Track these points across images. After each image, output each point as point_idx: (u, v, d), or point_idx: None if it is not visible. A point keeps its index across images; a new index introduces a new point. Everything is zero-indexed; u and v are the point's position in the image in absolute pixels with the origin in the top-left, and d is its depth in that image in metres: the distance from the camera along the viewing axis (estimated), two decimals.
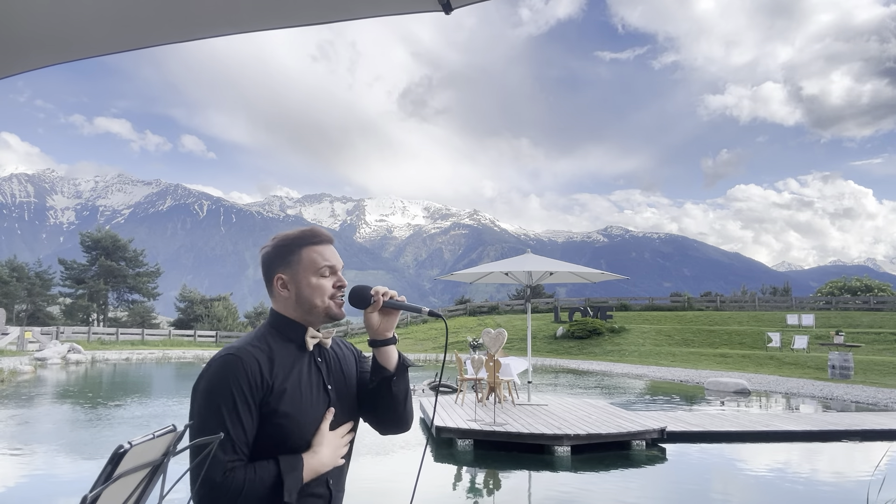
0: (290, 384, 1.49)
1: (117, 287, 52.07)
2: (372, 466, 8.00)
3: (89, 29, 1.67)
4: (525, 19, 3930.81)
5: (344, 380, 1.63)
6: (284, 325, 1.57)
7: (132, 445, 0.95)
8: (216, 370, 1.44)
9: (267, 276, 1.61)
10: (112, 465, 0.93)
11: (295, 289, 1.56)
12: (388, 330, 1.61)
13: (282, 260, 1.58)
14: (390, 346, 1.62)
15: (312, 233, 1.61)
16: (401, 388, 1.62)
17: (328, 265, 1.58)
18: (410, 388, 1.68)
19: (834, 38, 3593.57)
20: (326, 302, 1.56)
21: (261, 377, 1.44)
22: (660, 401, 15.60)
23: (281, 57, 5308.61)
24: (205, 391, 1.43)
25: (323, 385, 1.56)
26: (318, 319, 1.58)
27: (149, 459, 1.03)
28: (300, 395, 1.50)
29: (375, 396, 1.62)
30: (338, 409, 1.57)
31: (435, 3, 1.50)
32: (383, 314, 1.61)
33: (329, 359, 1.62)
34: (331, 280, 1.58)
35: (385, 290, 1.60)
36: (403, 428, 1.68)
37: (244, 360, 1.44)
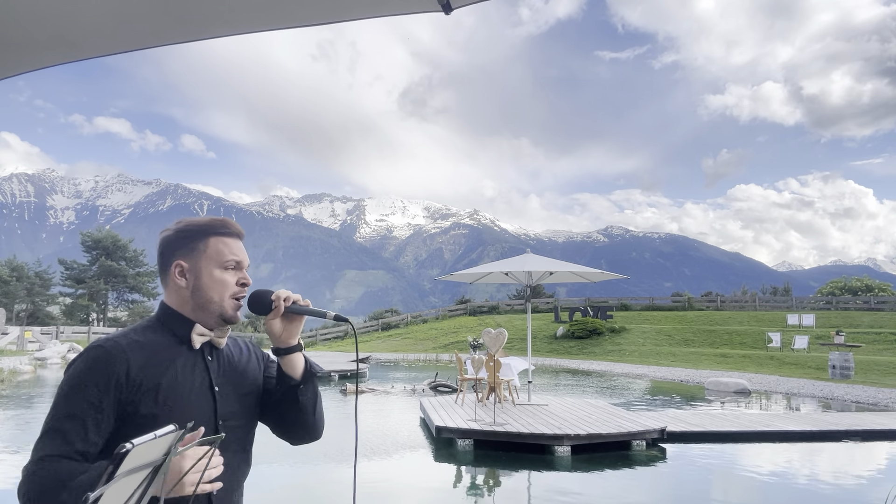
0: (164, 383, 1.37)
1: (117, 287, 52.14)
2: (372, 467, 8.00)
3: (91, 29, 1.67)
4: (525, 19, 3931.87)
5: (240, 381, 1.52)
6: (171, 319, 1.46)
7: (134, 445, 0.95)
8: (80, 362, 1.35)
9: (164, 262, 1.48)
10: (114, 465, 0.93)
11: (194, 279, 1.45)
12: (293, 337, 1.51)
13: (185, 246, 1.47)
14: (295, 353, 1.52)
15: (223, 223, 1.51)
16: (308, 397, 1.52)
17: (235, 259, 1.48)
18: (320, 394, 1.59)
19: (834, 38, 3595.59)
20: (224, 299, 1.45)
21: (126, 374, 1.33)
22: (660, 401, 15.60)
23: (280, 56, 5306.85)
24: (64, 382, 1.34)
25: (209, 385, 1.45)
26: (210, 318, 1.46)
27: (150, 459, 1.03)
28: (175, 395, 1.38)
29: (282, 405, 1.53)
30: (227, 412, 1.46)
31: (435, 4, 1.51)
32: (286, 320, 1.49)
33: (223, 360, 1.51)
34: (235, 276, 1.48)
35: (287, 295, 1.49)
36: (314, 437, 1.60)
37: (111, 353, 1.34)
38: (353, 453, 1.57)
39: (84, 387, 1.32)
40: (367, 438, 9.71)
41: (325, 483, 7.43)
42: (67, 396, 1.32)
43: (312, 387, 1.54)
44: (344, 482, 7.29)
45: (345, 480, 7.28)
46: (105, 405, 1.32)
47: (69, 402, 1.32)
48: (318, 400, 1.57)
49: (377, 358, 29.27)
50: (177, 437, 1.08)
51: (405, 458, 8.56)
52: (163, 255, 1.50)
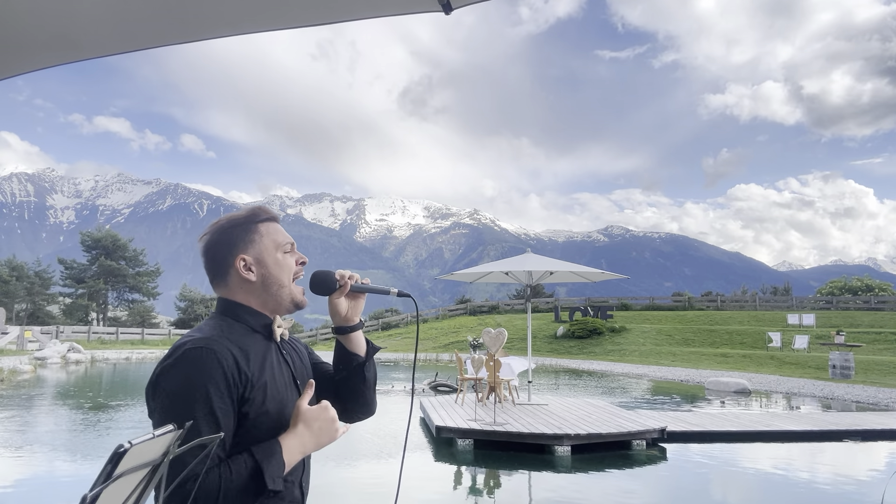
0: (266, 378, 1.35)
1: (117, 286, 52.10)
2: (373, 469, 8.00)
3: (92, 30, 1.67)
4: (525, 18, 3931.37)
5: (305, 374, 1.53)
6: (247, 314, 1.41)
7: (132, 445, 0.95)
8: (186, 365, 1.26)
9: (223, 263, 1.42)
10: (112, 465, 0.93)
11: (261, 269, 1.41)
12: (356, 315, 1.54)
13: (242, 240, 1.42)
14: (358, 331, 1.55)
15: (263, 210, 1.49)
16: (373, 373, 1.58)
17: (289, 241, 1.47)
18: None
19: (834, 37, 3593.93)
20: (290, 283, 1.44)
21: (237, 371, 1.29)
22: (660, 400, 15.60)
23: (280, 56, 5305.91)
24: (174, 390, 1.26)
25: (293, 379, 1.45)
26: (282, 305, 1.44)
27: (148, 459, 1.03)
28: (277, 390, 1.37)
29: (345, 385, 1.54)
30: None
31: (435, 4, 1.51)
32: (350, 299, 1.52)
33: (290, 350, 1.51)
34: (293, 257, 1.47)
35: (350, 274, 1.52)
36: (371, 412, 1.61)
37: (218, 352, 1.28)
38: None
39: (207, 391, 1.25)
40: (366, 438, 9.71)
41: (327, 484, 7.43)
42: (194, 405, 1.24)
43: (373, 362, 1.58)
44: (355, 484, 7.29)
45: (343, 480, 7.29)
46: (232, 406, 1.28)
47: (201, 410, 1.24)
48: (376, 374, 1.61)
49: (377, 358, 29.23)
50: (175, 437, 1.07)
51: (407, 460, 8.56)
52: (218, 255, 1.43)
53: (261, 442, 1.30)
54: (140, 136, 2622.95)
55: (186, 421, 1.21)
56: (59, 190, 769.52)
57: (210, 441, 1.19)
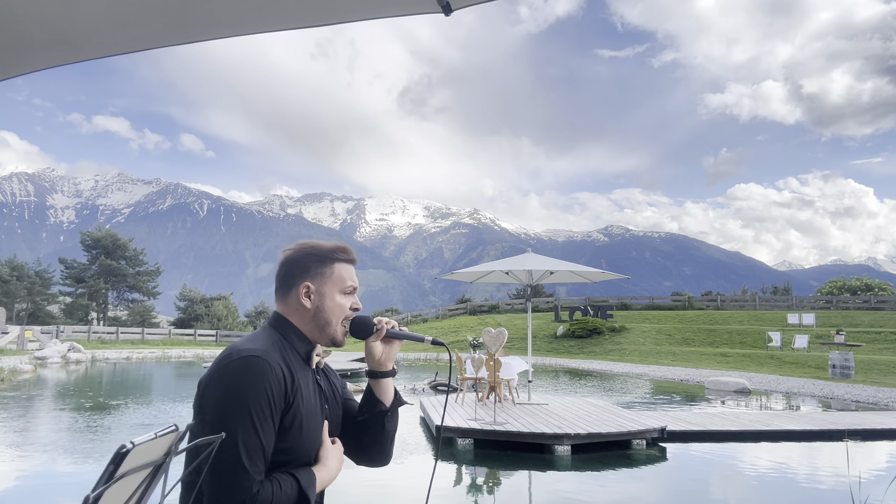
0: (304, 399, 1.43)
1: (117, 286, 52.09)
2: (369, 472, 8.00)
3: (92, 31, 1.67)
4: (524, 17, 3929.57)
5: (335, 402, 1.59)
6: (296, 336, 1.50)
7: (134, 445, 0.95)
8: (243, 373, 1.33)
9: (290, 282, 1.52)
10: (114, 465, 0.93)
11: (318, 301, 1.50)
12: (390, 360, 1.58)
13: (313, 269, 1.52)
14: (389, 378, 1.59)
15: (345, 249, 1.58)
16: (393, 425, 1.60)
17: (353, 285, 1.56)
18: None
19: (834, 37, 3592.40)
20: (339, 323, 1.52)
21: (284, 387, 1.37)
22: (660, 400, 15.60)
23: (279, 55, 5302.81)
24: (230, 396, 1.32)
25: (321, 404, 1.52)
26: (323, 339, 1.52)
27: (151, 459, 1.03)
28: (308, 413, 1.44)
29: (364, 429, 1.58)
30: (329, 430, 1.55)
31: (435, 5, 1.51)
32: (385, 343, 1.57)
33: (323, 379, 1.58)
34: (349, 300, 1.55)
35: (388, 319, 1.58)
36: (384, 463, 1.64)
37: (273, 367, 1.36)
38: None
39: (265, 400, 1.33)
40: None
41: None
42: (251, 411, 1.31)
43: (396, 415, 1.61)
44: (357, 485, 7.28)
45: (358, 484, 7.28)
46: (277, 418, 1.36)
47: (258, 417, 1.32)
48: (397, 428, 1.63)
49: None
50: (177, 437, 1.08)
51: (405, 457, 8.56)
52: (289, 274, 1.53)
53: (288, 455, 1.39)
54: (139, 135, 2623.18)
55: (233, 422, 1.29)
56: (59, 190, 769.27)
57: (211, 441, 1.19)
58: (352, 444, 1.60)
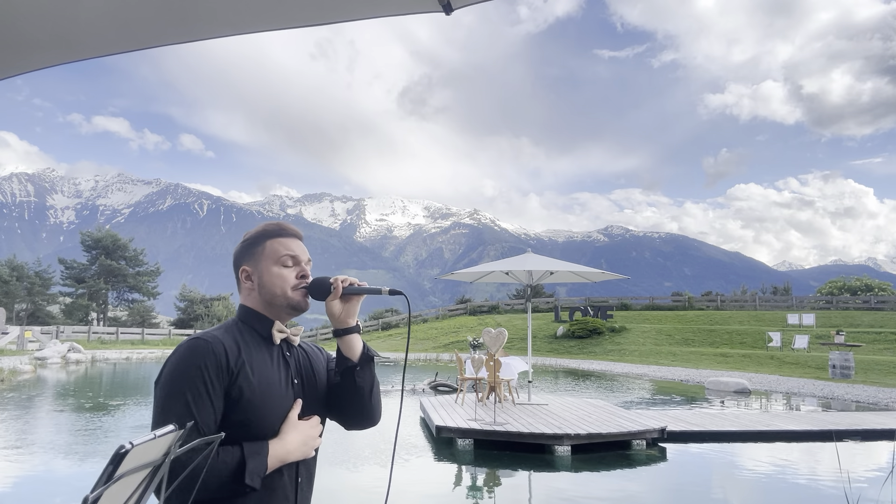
0: (256, 373, 1.48)
1: (117, 286, 52.09)
2: (372, 467, 8.00)
3: (91, 30, 1.67)
4: (524, 17, 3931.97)
5: (313, 377, 1.62)
6: (251, 317, 1.58)
7: (133, 446, 0.95)
8: (182, 354, 1.43)
9: (235, 271, 1.63)
10: (113, 466, 0.93)
11: (257, 279, 1.58)
12: (351, 317, 1.62)
13: (247, 253, 1.61)
14: (353, 334, 1.63)
15: (277, 226, 1.64)
16: (365, 380, 1.61)
17: (290, 254, 1.60)
18: (377, 379, 1.66)
19: (835, 36, 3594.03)
20: (287, 292, 1.56)
21: (227, 361, 1.43)
22: (660, 400, 15.60)
23: (279, 55, 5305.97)
24: (170, 376, 1.42)
25: (290, 379, 1.56)
26: (281, 311, 1.58)
27: (150, 459, 1.03)
28: (266, 385, 1.48)
29: (341, 389, 1.61)
30: (305, 405, 1.56)
31: (435, 4, 1.51)
32: (344, 301, 1.61)
33: (297, 356, 1.63)
34: (293, 270, 1.59)
35: (345, 277, 1.62)
36: (370, 422, 1.67)
37: (211, 343, 1.44)
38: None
39: (199, 377, 1.40)
40: (366, 438, 9.71)
41: (324, 488, 7.42)
42: (181, 386, 1.39)
43: (369, 370, 1.62)
44: (356, 487, 7.29)
45: (343, 482, 7.28)
46: (219, 392, 1.41)
47: (192, 394, 1.39)
48: (374, 384, 1.64)
49: (377, 358, 29.24)
50: (176, 438, 1.08)
51: (405, 457, 8.55)
52: (234, 265, 1.64)
53: (242, 429, 1.43)
54: (139, 135, 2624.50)
55: (183, 403, 1.37)
56: (59, 190, 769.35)
57: (212, 441, 1.19)
58: (336, 410, 1.64)
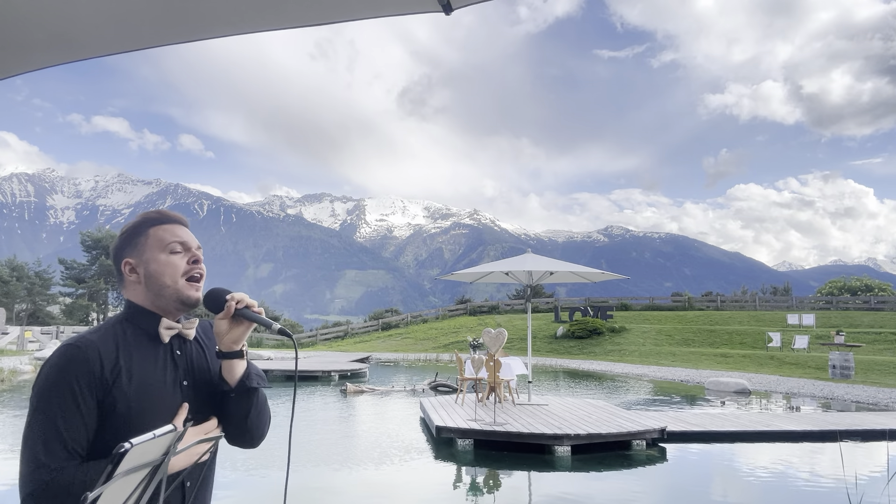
0: (136, 377, 1.37)
1: (117, 286, 52.09)
2: (372, 467, 8.00)
3: (91, 29, 1.67)
4: (523, 17, 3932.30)
5: (208, 375, 1.50)
6: (136, 314, 1.46)
7: (133, 445, 0.95)
8: (54, 363, 1.33)
9: (116, 266, 1.50)
10: (112, 465, 0.93)
11: (143, 270, 1.45)
12: (237, 341, 1.48)
13: (128, 244, 1.49)
14: (235, 360, 1.48)
15: (159, 213, 1.53)
16: (240, 408, 1.48)
17: (178, 241, 1.48)
18: (262, 405, 1.53)
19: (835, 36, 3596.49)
20: (178, 281, 1.45)
21: (101, 369, 1.33)
22: (660, 400, 15.60)
23: (278, 55, 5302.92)
24: (41, 385, 1.32)
25: (178, 381, 1.44)
26: (171, 304, 1.46)
27: (149, 459, 1.03)
28: (148, 388, 1.38)
29: (218, 406, 1.50)
30: (195, 407, 1.45)
31: (435, 4, 1.51)
32: (234, 324, 1.47)
33: (191, 352, 1.51)
34: (184, 257, 1.48)
35: (241, 298, 1.47)
36: (245, 444, 1.55)
37: (84, 350, 1.33)
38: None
39: (65, 388, 1.30)
40: (367, 438, 9.72)
41: (311, 489, 7.42)
42: (49, 399, 1.30)
43: (247, 399, 1.48)
44: (353, 488, 7.29)
45: (354, 486, 7.28)
46: (87, 403, 1.31)
47: (52, 404, 1.30)
48: (252, 411, 1.50)
49: (377, 358, 29.26)
50: (175, 437, 1.08)
51: (405, 457, 8.55)
52: (114, 261, 1.51)
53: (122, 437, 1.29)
54: (139, 135, 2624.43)
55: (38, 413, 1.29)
56: (59, 190, 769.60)
57: (212, 441, 1.19)
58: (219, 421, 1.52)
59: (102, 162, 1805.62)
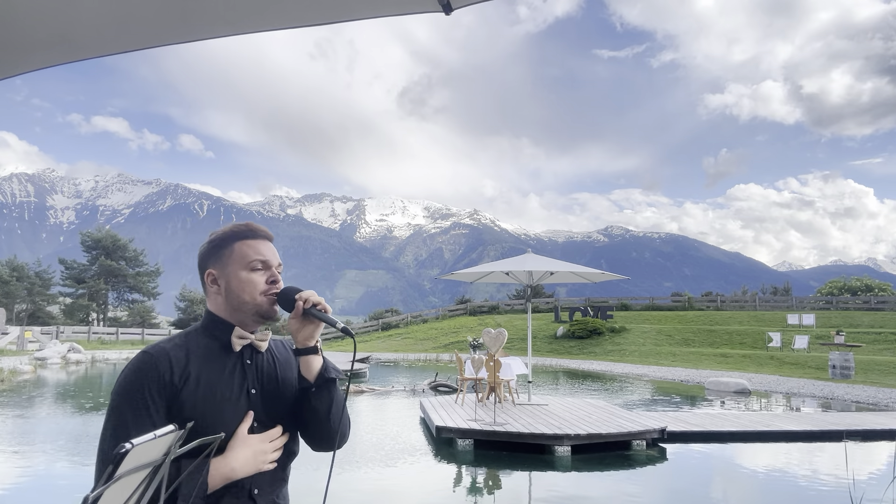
0: (203, 383, 1.43)
1: (117, 287, 52.09)
2: (372, 467, 8.00)
3: (91, 29, 1.67)
4: (523, 17, 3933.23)
5: (277, 385, 1.55)
6: (212, 323, 1.52)
7: (134, 445, 0.95)
8: (129, 371, 1.41)
9: (200, 274, 1.56)
10: (113, 466, 0.93)
11: (224, 283, 1.51)
12: (310, 339, 1.53)
13: (214, 255, 1.54)
14: (311, 355, 1.54)
15: (247, 227, 1.57)
16: (322, 401, 1.52)
17: (260, 259, 1.52)
18: (341, 400, 1.56)
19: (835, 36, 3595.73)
20: (256, 298, 1.50)
21: (171, 375, 1.40)
22: (660, 401, 15.60)
23: (278, 55, 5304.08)
24: (115, 393, 1.41)
25: (245, 389, 1.49)
26: (248, 318, 1.52)
27: (150, 460, 1.03)
28: (214, 397, 1.43)
29: (300, 407, 1.54)
30: (262, 416, 1.50)
31: (435, 4, 1.51)
32: (304, 322, 1.52)
33: (262, 362, 1.55)
34: (263, 275, 1.52)
35: (308, 297, 1.52)
36: (328, 445, 1.58)
37: (156, 357, 1.41)
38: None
39: (136, 392, 1.38)
40: (367, 438, 9.71)
41: None
42: (121, 406, 1.39)
43: (327, 392, 1.53)
44: (353, 489, 7.28)
45: (334, 487, 7.28)
46: (156, 406, 1.39)
47: (124, 410, 1.38)
48: (333, 406, 1.55)
49: (377, 358, 29.26)
50: (176, 438, 1.08)
51: (405, 457, 8.55)
52: (199, 267, 1.58)
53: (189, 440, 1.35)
54: (138, 135, 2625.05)
55: (111, 415, 1.37)
56: (59, 190, 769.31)
57: (212, 441, 1.19)
58: (300, 426, 1.58)
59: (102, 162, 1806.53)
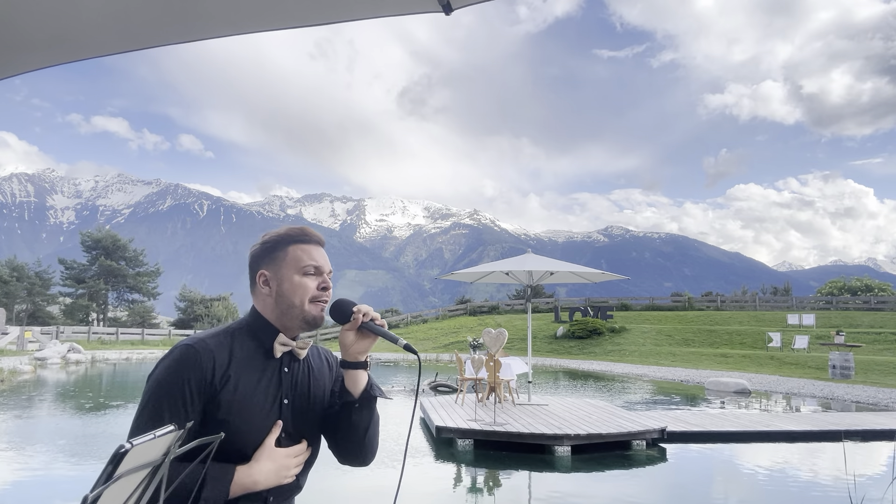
0: (240, 388, 1.41)
1: (117, 287, 52.11)
2: (372, 467, 8.00)
3: (91, 29, 1.67)
4: (523, 17, 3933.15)
5: (308, 396, 1.53)
6: (258, 325, 1.51)
7: (133, 445, 0.95)
8: (171, 361, 1.39)
9: (252, 274, 1.56)
10: (113, 466, 0.93)
11: (276, 285, 1.50)
12: (362, 353, 1.52)
13: (267, 256, 1.54)
14: (360, 370, 1.52)
15: (302, 231, 1.57)
16: (363, 418, 1.52)
17: (313, 264, 1.52)
18: (378, 419, 1.57)
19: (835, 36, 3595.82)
20: (306, 303, 1.49)
21: (212, 375, 1.38)
22: (660, 401, 15.60)
23: (278, 56, 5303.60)
24: (154, 381, 1.38)
25: (279, 398, 1.47)
26: (295, 323, 1.50)
27: (149, 459, 1.03)
28: (249, 402, 1.41)
29: (337, 420, 1.53)
30: (291, 427, 1.48)
31: (435, 4, 1.50)
32: (360, 336, 1.51)
33: (298, 371, 1.54)
34: (315, 281, 1.51)
35: (367, 311, 1.51)
36: (360, 461, 1.59)
37: (200, 354, 1.38)
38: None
39: (175, 385, 1.36)
40: None
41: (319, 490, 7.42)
42: (159, 397, 1.36)
43: (369, 410, 1.53)
44: (352, 490, 7.29)
45: (334, 487, 7.28)
46: (193, 403, 1.37)
47: (162, 401, 1.35)
48: (372, 424, 1.55)
49: (377, 358, 29.25)
50: (176, 438, 1.07)
51: (409, 466, 8.55)
52: (250, 267, 1.57)
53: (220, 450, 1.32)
54: (138, 135, 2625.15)
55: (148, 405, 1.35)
56: (59, 190, 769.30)
57: (211, 441, 1.19)
58: (330, 438, 1.57)
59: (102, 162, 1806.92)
